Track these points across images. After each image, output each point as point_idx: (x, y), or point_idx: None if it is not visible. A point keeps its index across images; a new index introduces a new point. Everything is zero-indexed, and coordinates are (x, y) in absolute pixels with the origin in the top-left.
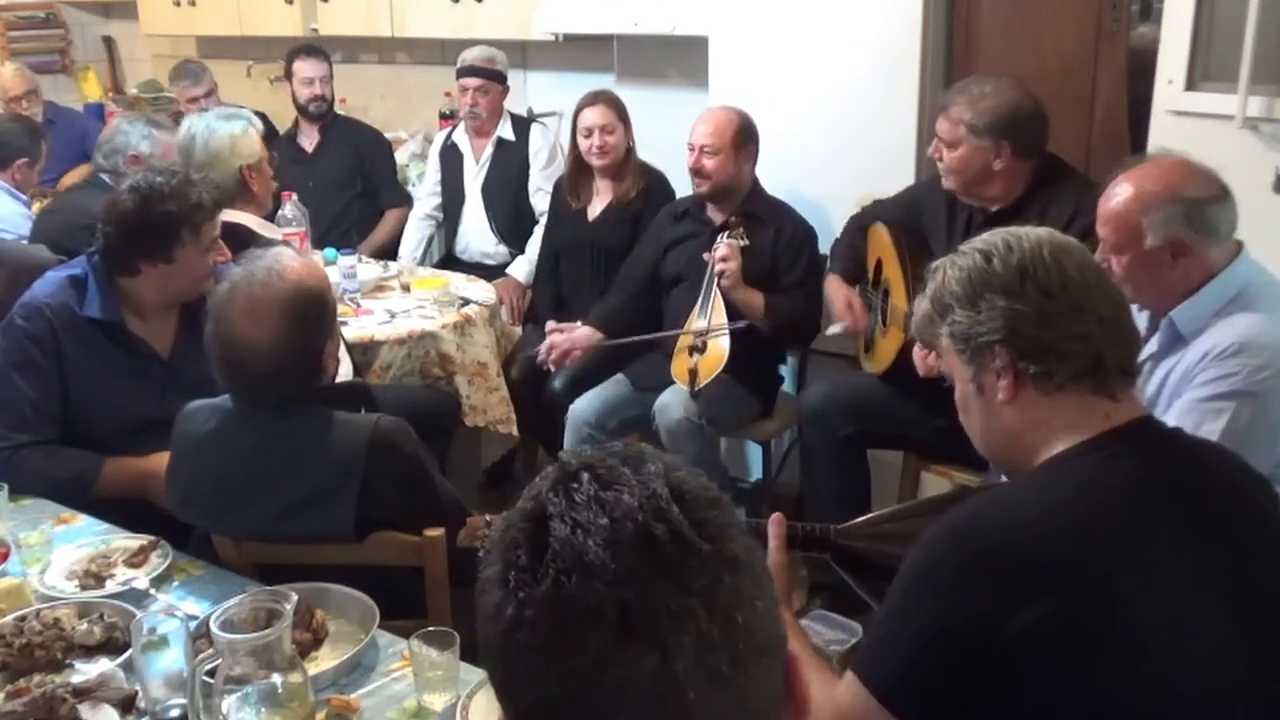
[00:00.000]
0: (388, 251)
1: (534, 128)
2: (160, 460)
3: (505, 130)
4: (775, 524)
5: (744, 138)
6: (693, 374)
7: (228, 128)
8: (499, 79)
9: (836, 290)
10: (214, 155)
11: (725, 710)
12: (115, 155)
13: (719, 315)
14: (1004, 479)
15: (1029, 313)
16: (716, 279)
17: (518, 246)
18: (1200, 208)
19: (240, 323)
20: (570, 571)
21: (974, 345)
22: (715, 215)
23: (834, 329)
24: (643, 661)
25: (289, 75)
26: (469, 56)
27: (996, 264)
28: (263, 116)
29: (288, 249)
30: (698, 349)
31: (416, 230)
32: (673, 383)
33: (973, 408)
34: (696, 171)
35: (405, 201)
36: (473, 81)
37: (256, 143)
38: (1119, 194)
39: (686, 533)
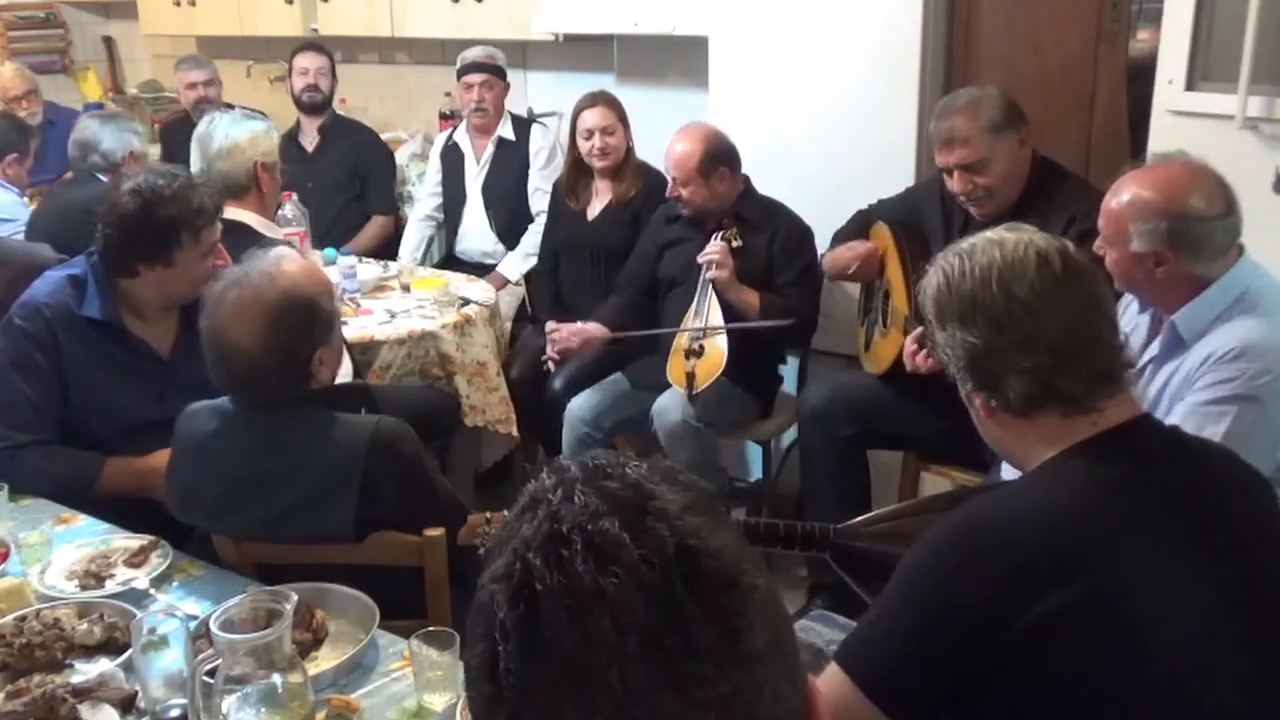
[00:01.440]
0: (372, 256)
1: (534, 127)
2: (160, 457)
3: (505, 130)
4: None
5: (710, 164)
6: (690, 377)
7: (250, 123)
8: (502, 74)
9: (839, 249)
10: (233, 144)
11: None
12: (116, 153)
13: (715, 318)
14: (1003, 475)
15: (982, 346)
16: (710, 281)
17: (516, 246)
18: (1186, 225)
19: (226, 323)
20: (571, 687)
21: (952, 364)
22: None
23: (848, 261)
24: None
25: (290, 73)
26: (470, 55)
27: (953, 291)
28: (262, 114)
29: (289, 250)
30: (694, 352)
31: (417, 231)
32: (668, 382)
33: (970, 411)
34: (676, 198)
35: (392, 209)
36: (477, 77)
37: (275, 145)
38: (1119, 192)
39: (700, 637)
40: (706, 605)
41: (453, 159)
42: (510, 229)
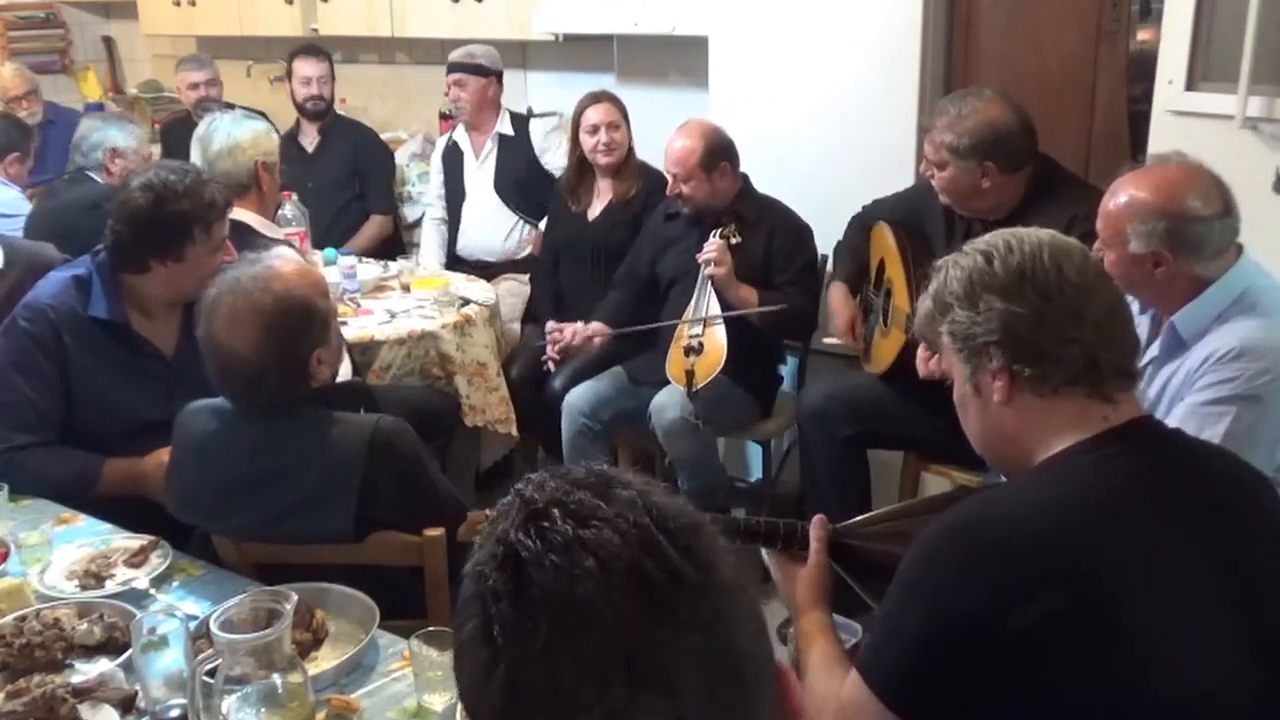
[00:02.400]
0: (371, 255)
1: (533, 122)
2: (159, 457)
3: (504, 126)
4: (818, 526)
5: (710, 159)
6: (690, 374)
7: (251, 123)
8: (479, 72)
9: (841, 307)
10: (234, 144)
11: None
12: (95, 151)
13: (713, 313)
14: (1003, 479)
15: (1026, 315)
16: (709, 279)
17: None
18: (1185, 226)
19: (221, 330)
20: (564, 622)
21: (971, 345)
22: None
23: (831, 340)
24: (654, 707)
25: (289, 75)
26: (451, 55)
27: (997, 265)
28: (262, 114)
29: (288, 249)
30: (694, 350)
31: (437, 236)
32: (668, 379)
33: (970, 407)
34: (677, 196)
35: (391, 209)
36: (451, 76)
37: (275, 145)
38: (1116, 194)
39: (677, 565)
40: (680, 544)
41: (452, 158)
42: (533, 210)
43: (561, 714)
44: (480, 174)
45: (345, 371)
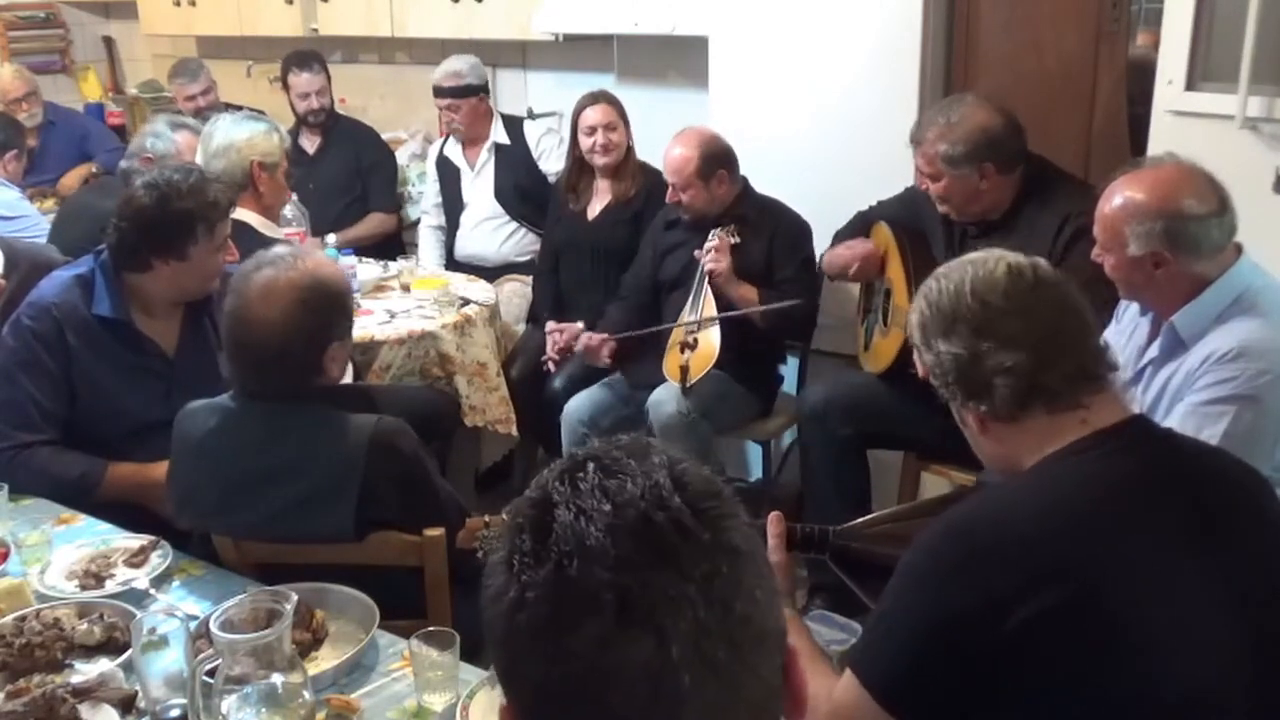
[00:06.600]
0: (369, 254)
1: (527, 125)
2: (164, 469)
3: (499, 135)
4: (774, 523)
5: (708, 167)
6: (684, 370)
7: (252, 125)
8: (469, 92)
9: (838, 249)
10: (230, 143)
11: (720, 698)
12: (133, 159)
13: (710, 311)
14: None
15: (965, 356)
16: (708, 276)
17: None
18: (1182, 224)
19: (255, 299)
20: (572, 556)
21: (942, 384)
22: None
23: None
24: (639, 645)
25: (285, 85)
26: (436, 75)
27: (933, 309)
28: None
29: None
30: (689, 345)
31: (435, 241)
32: (665, 382)
33: (965, 432)
34: (676, 204)
35: (393, 208)
36: (442, 101)
37: (276, 147)
38: (1111, 198)
39: (686, 521)
40: (693, 505)
41: (447, 169)
42: (535, 215)
43: (554, 633)
44: (478, 184)
45: (346, 373)
